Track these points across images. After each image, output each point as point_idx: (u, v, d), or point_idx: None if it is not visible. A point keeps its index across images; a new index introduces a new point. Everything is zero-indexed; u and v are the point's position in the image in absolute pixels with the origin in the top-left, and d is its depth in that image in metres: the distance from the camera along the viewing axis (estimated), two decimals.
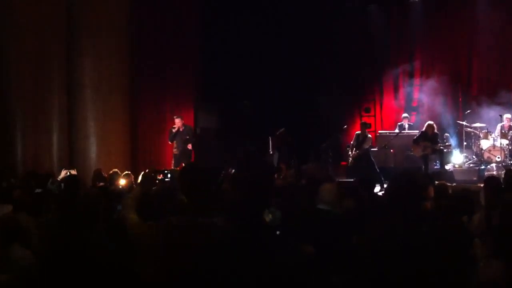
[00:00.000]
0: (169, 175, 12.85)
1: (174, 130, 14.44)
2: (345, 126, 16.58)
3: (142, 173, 10.39)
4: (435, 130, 14.08)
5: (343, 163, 15.53)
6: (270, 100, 16.79)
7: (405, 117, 16.09)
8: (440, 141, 14.18)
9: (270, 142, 15.96)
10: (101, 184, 9.33)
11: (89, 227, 2.07)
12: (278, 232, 3.36)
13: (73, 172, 10.20)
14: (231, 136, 16.29)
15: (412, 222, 3.09)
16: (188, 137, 14.53)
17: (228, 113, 16.92)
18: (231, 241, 2.45)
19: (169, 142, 14.70)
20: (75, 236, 2.15)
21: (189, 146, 14.48)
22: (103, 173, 10.45)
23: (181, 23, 16.23)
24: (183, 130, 14.45)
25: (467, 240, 4.44)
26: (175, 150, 14.52)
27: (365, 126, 14.60)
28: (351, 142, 14.61)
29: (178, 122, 14.52)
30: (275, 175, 9.81)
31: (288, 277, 2.36)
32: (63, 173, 10.04)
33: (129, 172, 9.95)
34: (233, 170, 11.86)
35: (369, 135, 14.50)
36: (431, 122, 14.25)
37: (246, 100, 16.55)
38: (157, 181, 9.33)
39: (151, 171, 11.91)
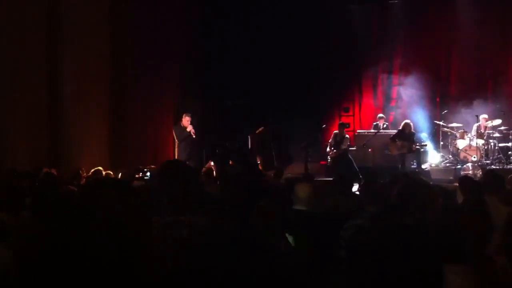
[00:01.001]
0: (148, 174, 12.84)
1: (188, 130, 13.66)
2: (324, 126, 16.68)
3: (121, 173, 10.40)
4: (412, 129, 14.33)
5: (323, 162, 15.64)
6: (252, 99, 16.90)
7: (380, 117, 16.23)
8: (416, 140, 14.40)
9: (249, 141, 16.02)
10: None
11: (82, 226, 2.07)
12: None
13: (53, 172, 10.13)
14: (212, 135, 16.33)
15: (418, 222, 3.16)
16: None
17: (211, 111, 16.98)
18: (217, 240, 2.49)
19: (178, 142, 13.90)
20: (64, 235, 2.15)
21: (193, 132, 13.73)
22: (83, 172, 10.39)
23: (171, 20, 16.17)
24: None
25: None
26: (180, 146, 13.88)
27: (343, 126, 14.74)
28: (329, 141, 14.75)
29: (188, 120, 13.78)
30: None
31: (279, 277, 2.40)
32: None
33: (110, 172, 9.95)
34: (213, 164, 11.83)
35: (347, 136, 14.65)
36: (408, 121, 14.52)
37: (229, 101, 16.65)
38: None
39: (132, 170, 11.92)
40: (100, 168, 10.04)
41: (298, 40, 17.26)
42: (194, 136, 13.77)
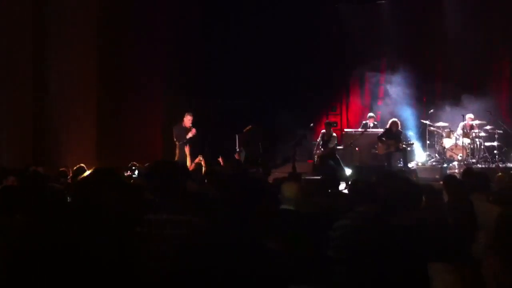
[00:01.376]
0: (136, 172, 12.74)
1: (188, 137, 12.89)
2: (312, 124, 16.70)
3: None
4: (399, 128, 14.40)
5: (310, 161, 15.67)
6: (240, 97, 16.94)
7: (370, 117, 16.28)
8: (403, 138, 14.47)
9: (237, 139, 16.01)
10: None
11: (82, 226, 2.06)
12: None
13: (40, 170, 10.06)
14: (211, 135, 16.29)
15: (418, 222, 3.21)
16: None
17: (210, 111, 16.97)
18: (217, 240, 2.51)
19: (177, 142, 13.10)
20: (64, 235, 2.14)
21: (193, 131, 12.99)
22: (69, 171, 10.33)
23: (171, 20, 16.13)
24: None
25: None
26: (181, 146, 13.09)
27: (329, 125, 14.75)
28: (317, 140, 14.79)
29: (190, 120, 13.05)
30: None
31: (278, 277, 2.42)
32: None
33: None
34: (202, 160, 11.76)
35: (334, 134, 14.68)
36: (395, 119, 14.58)
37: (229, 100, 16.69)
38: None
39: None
40: (83, 165, 9.95)
41: (297, 40, 17.34)
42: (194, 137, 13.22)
